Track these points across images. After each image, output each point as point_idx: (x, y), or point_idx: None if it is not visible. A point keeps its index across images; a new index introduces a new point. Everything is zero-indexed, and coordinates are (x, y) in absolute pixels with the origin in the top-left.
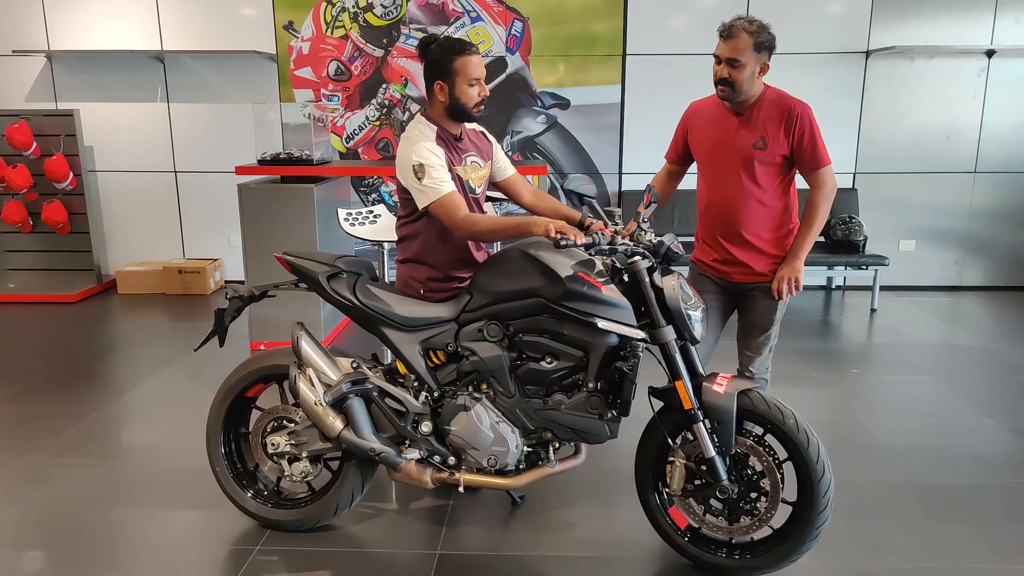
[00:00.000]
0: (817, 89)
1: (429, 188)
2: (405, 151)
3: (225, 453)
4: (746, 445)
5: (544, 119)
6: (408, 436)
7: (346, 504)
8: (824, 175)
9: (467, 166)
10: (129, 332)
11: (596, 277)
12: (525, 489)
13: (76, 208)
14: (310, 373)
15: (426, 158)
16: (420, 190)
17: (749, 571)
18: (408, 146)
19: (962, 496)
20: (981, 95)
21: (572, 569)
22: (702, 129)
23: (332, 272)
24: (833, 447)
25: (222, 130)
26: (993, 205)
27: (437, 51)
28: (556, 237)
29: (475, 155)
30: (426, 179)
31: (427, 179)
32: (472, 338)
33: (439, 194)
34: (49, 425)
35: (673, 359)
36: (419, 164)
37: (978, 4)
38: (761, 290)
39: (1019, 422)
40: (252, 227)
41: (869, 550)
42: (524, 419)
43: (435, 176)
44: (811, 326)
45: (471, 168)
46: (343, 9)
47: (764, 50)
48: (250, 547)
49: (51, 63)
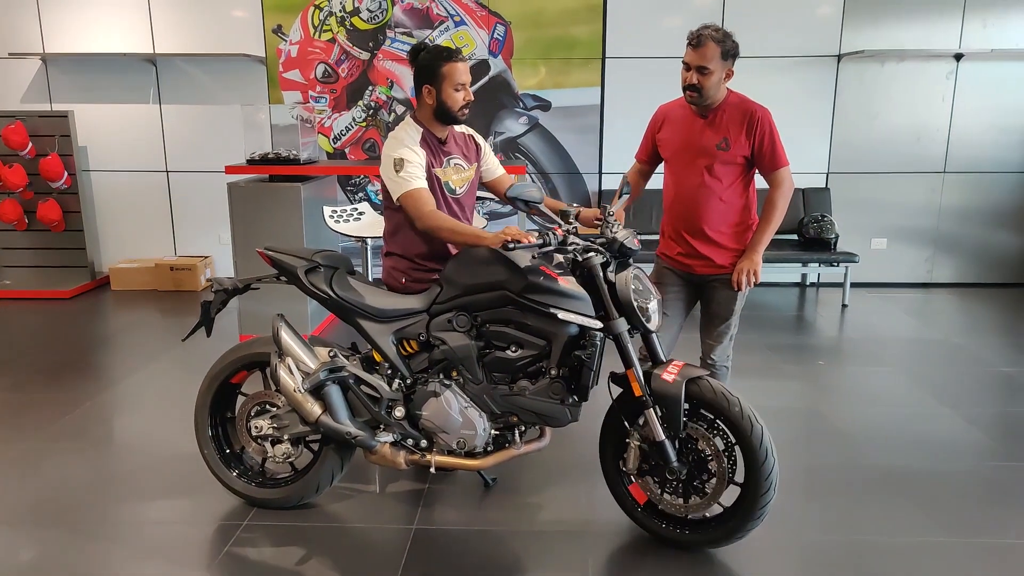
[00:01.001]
0: (791, 92)
1: (402, 180)
2: (389, 147)
3: (212, 436)
4: (696, 430)
5: (526, 120)
6: (382, 420)
7: (327, 483)
8: (782, 175)
9: (449, 168)
10: (122, 327)
11: (555, 269)
12: (497, 472)
13: (70, 207)
14: (289, 362)
15: (405, 155)
16: (395, 181)
17: (701, 545)
18: (393, 144)
19: (915, 479)
20: (950, 97)
21: (542, 542)
22: (669, 130)
23: (310, 266)
24: (794, 434)
25: (213, 131)
26: (962, 204)
27: (426, 57)
28: (500, 248)
29: (459, 158)
30: (402, 172)
31: (403, 172)
32: (442, 328)
33: (410, 187)
34: (43, 414)
35: (625, 348)
36: (399, 159)
37: (946, 9)
38: (721, 281)
39: (975, 411)
40: (241, 225)
41: (822, 527)
42: (491, 404)
43: (410, 171)
44: (784, 321)
45: (453, 170)
46: (330, 13)
47: (729, 58)
48: (237, 522)
49: (46, 65)
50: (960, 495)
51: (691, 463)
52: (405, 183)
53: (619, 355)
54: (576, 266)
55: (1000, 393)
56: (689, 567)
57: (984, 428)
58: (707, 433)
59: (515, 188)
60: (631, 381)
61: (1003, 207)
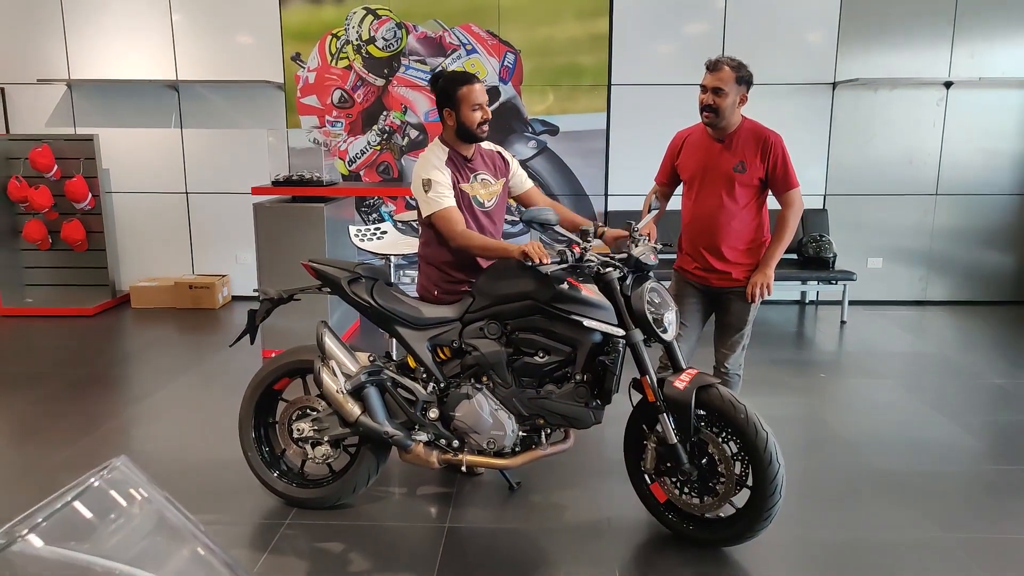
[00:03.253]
0: (789, 117)
1: (432, 200)
2: (419, 168)
3: (255, 439)
4: (708, 435)
5: (535, 144)
6: (417, 421)
7: (363, 484)
8: (793, 196)
9: (476, 183)
10: (144, 343)
11: (579, 279)
12: (521, 475)
13: (93, 227)
14: (332, 365)
15: (433, 175)
16: (425, 200)
17: (715, 543)
18: (422, 164)
19: (913, 481)
20: (940, 123)
21: (567, 538)
22: (688, 153)
23: (352, 277)
24: (798, 440)
25: (232, 154)
26: (954, 225)
27: (444, 83)
28: (522, 259)
29: (485, 174)
30: (431, 192)
31: (432, 192)
32: (474, 336)
33: (440, 207)
34: (75, 425)
35: (641, 357)
36: (427, 179)
37: (936, 39)
38: (736, 294)
39: (969, 419)
40: (266, 243)
41: (827, 526)
42: (519, 407)
43: (439, 191)
44: (785, 337)
45: (480, 185)
46: (347, 42)
47: (743, 83)
48: (279, 522)
49: (71, 91)
50: (955, 495)
51: (703, 466)
52: (435, 203)
53: (635, 363)
54: (596, 279)
55: (992, 403)
56: (705, 563)
57: (977, 434)
58: (718, 438)
59: (529, 212)
60: (645, 388)
61: (993, 228)
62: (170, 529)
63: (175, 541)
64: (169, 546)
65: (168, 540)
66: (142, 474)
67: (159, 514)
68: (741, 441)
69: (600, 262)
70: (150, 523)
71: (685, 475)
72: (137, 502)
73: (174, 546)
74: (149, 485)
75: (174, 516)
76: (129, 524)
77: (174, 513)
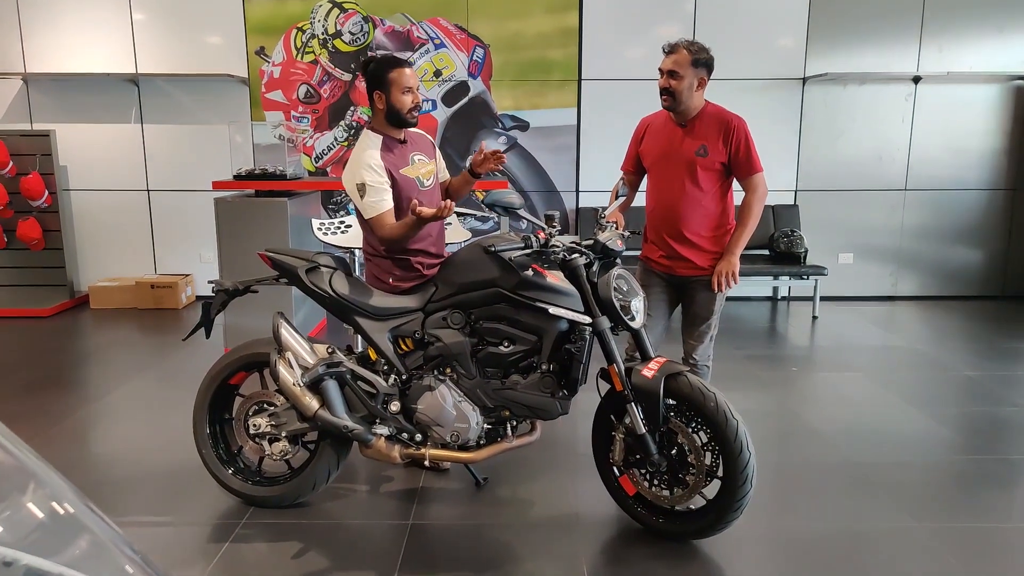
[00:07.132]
0: (759, 113)
1: (368, 206)
2: (352, 166)
3: (210, 435)
4: (678, 425)
5: (505, 140)
6: (378, 415)
7: (323, 480)
8: (757, 180)
9: (414, 164)
10: (102, 344)
11: (544, 266)
12: (488, 471)
13: (50, 225)
14: (289, 357)
15: (367, 178)
16: (362, 206)
17: (686, 536)
18: (355, 164)
19: (885, 472)
20: (909, 118)
21: (534, 534)
22: (651, 139)
23: (310, 267)
24: (770, 433)
25: (194, 150)
26: (923, 221)
27: (375, 66)
28: (430, 218)
29: (421, 153)
30: (367, 197)
31: (368, 197)
32: (437, 326)
33: (376, 212)
34: (29, 426)
35: (608, 345)
36: (362, 184)
37: (904, 34)
38: (702, 283)
39: (940, 410)
40: (227, 239)
41: (799, 518)
42: (484, 398)
43: (375, 194)
44: (757, 332)
45: (419, 165)
46: (313, 36)
47: (701, 66)
48: (235, 521)
49: (27, 85)
50: (927, 485)
51: (673, 456)
52: (371, 208)
53: (602, 351)
54: (562, 266)
55: (962, 394)
56: (675, 557)
57: (948, 425)
58: (687, 428)
59: (493, 195)
60: (612, 376)
61: (961, 224)
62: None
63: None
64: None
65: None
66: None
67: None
68: (711, 430)
69: (566, 248)
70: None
71: (654, 466)
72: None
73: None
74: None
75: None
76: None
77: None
